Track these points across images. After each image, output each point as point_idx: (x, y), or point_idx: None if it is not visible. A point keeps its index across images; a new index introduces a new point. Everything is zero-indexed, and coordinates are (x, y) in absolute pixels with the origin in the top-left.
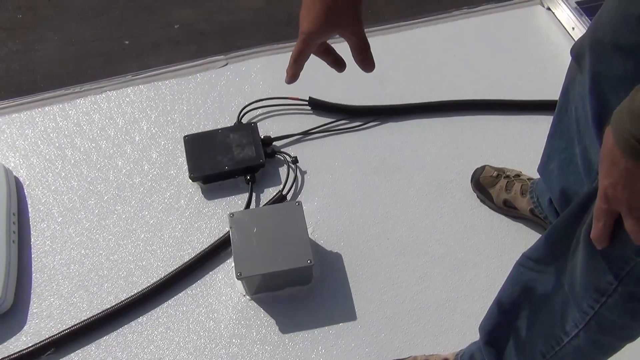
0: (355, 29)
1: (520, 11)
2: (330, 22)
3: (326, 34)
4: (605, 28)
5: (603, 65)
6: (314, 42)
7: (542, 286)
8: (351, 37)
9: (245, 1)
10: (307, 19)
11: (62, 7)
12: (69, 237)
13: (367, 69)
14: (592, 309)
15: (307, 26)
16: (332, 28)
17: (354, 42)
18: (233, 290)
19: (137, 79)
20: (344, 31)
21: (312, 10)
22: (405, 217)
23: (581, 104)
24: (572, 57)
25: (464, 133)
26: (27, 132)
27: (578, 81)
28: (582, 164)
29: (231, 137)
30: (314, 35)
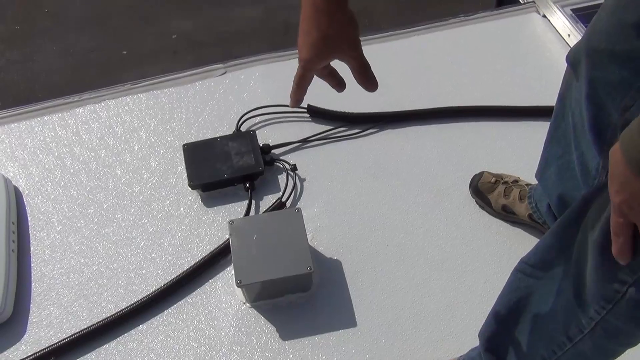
0: (353, 52)
1: (516, 19)
2: (328, 49)
3: (325, 60)
4: (601, 35)
5: (599, 72)
6: (314, 69)
7: (541, 292)
8: (350, 60)
9: (243, 11)
10: (305, 47)
11: (60, 17)
12: (69, 246)
13: (370, 88)
14: (598, 314)
15: (305, 54)
16: (330, 54)
17: (354, 64)
18: (233, 298)
19: (136, 88)
20: (342, 56)
21: (310, 38)
22: (404, 223)
23: (577, 110)
24: (567, 63)
25: (462, 139)
26: (26, 142)
27: (574, 87)
28: (579, 169)
29: (230, 145)
30: (314, 62)
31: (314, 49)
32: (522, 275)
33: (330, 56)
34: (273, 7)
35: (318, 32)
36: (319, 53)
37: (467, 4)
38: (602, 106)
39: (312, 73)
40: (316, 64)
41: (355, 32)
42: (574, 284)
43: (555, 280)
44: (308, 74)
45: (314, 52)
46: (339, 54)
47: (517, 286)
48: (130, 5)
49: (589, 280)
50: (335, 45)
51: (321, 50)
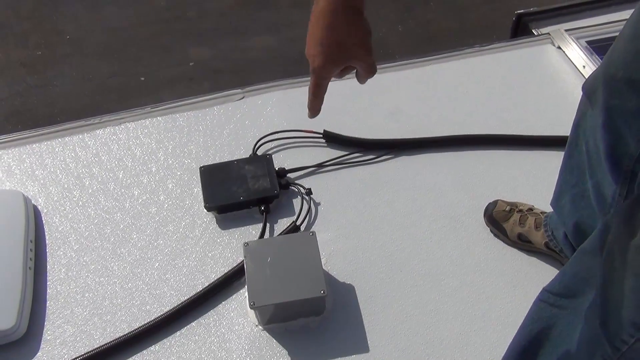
0: (368, 59)
1: (531, 49)
2: (345, 56)
3: (340, 67)
4: (618, 64)
5: (617, 100)
6: (330, 77)
7: (565, 322)
8: (361, 64)
9: (259, 40)
10: (318, 57)
11: (81, 44)
12: (85, 265)
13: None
14: (625, 344)
15: (319, 63)
16: (344, 61)
17: (365, 68)
18: (246, 320)
19: (155, 111)
20: (357, 62)
21: (322, 46)
22: (418, 249)
23: (592, 139)
24: (583, 92)
25: (476, 167)
26: (46, 162)
27: (589, 116)
28: (595, 197)
29: (246, 168)
30: (329, 71)
31: (330, 56)
32: (545, 305)
33: (344, 63)
34: (288, 37)
35: (335, 39)
36: (335, 60)
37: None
38: (620, 134)
39: (328, 81)
40: (331, 72)
41: (369, 38)
42: (600, 312)
43: (580, 310)
44: (324, 82)
45: (329, 59)
46: (353, 60)
47: (539, 316)
48: (149, 34)
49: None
50: (352, 52)
51: (337, 58)
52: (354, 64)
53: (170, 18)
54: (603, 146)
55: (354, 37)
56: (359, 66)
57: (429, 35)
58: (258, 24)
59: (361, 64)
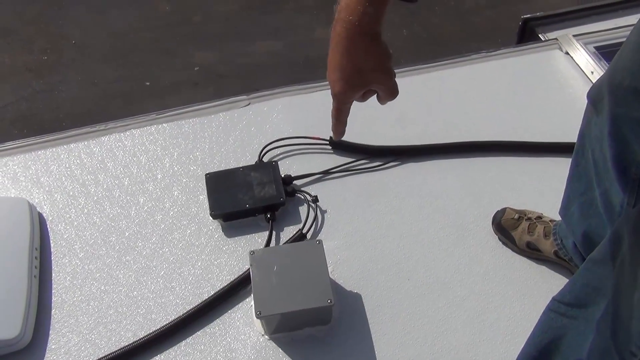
0: (389, 82)
1: (538, 55)
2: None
3: (360, 92)
4: (624, 72)
5: (623, 108)
6: (350, 102)
7: (575, 332)
8: (381, 87)
9: (264, 45)
10: (340, 82)
11: (86, 49)
12: (90, 273)
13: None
14: (634, 356)
15: (340, 88)
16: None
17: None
18: (252, 330)
19: (160, 118)
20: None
21: (343, 72)
22: (426, 258)
23: (598, 147)
24: (588, 100)
25: (484, 174)
26: (52, 169)
27: (594, 124)
28: (603, 206)
29: (252, 175)
30: (349, 96)
31: (349, 83)
32: (556, 315)
33: (366, 87)
34: (293, 41)
35: (354, 66)
36: (354, 86)
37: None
38: (627, 143)
39: (349, 105)
40: (351, 97)
41: (390, 62)
42: (611, 323)
43: (591, 320)
44: (345, 107)
45: (349, 86)
46: (373, 84)
47: (549, 326)
48: (154, 39)
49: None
50: (372, 77)
51: (356, 84)
52: (375, 88)
53: (175, 22)
54: (610, 154)
55: (371, 62)
56: (380, 90)
57: (433, 39)
58: (263, 29)
59: (381, 87)
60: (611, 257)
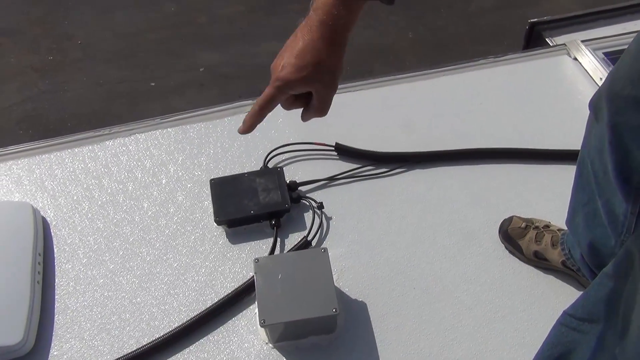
0: (328, 92)
1: (546, 61)
2: (316, 77)
3: (306, 87)
4: (625, 81)
5: (623, 117)
6: (290, 92)
7: (586, 347)
8: (320, 96)
9: (269, 46)
10: (290, 68)
11: (92, 49)
12: (93, 279)
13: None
14: None
15: (288, 74)
16: (314, 83)
17: (319, 100)
18: (256, 338)
19: (165, 122)
20: (320, 88)
21: (301, 60)
22: (432, 266)
23: (597, 158)
24: (590, 109)
25: (491, 181)
26: (56, 173)
27: (593, 134)
28: (606, 217)
29: (257, 181)
30: (294, 86)
31: (303, 72)
32: (567, 329)
33: (313, 84)
34: None
35: (314, 57)
36: (305, 77)
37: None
38: (628, 152)
39: (285, 97)
40: (295, 87)
41: (339, 75)
42: (620, 339)
43: (602, 335)
44: (281, 96)
45: (300, 74)
46: (320, 85)
47: (559, 341)
48: (159, 39)
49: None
50: (324, 76)
51: (308, 76)
52: (315, 92)
53: (180, 24)
54: (611, 164)
55: (332, 63)
56: (317, 98)
57: (439, 41)
58: (267, 30)
59: (321, 96)
60: (624, 274)
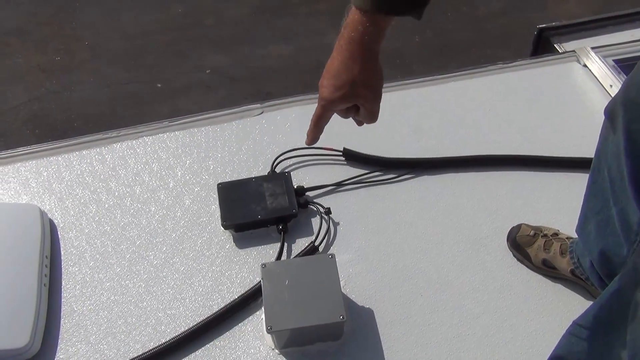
0: (373, 102)
1: (555, 67)
2: (354, 94)
3: (347, 103)
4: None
5: (638, 124)
6: (335, 110)
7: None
8: (366, 107)
9: (276, 49)
10: (330, 88)
11: (99, 50)
12: (100, 282)
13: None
14: None
15: (330, 95)
16: (354, 99)
17: (368, 111)
18: (262, 343)
19: (173, 125)
20: (364, 102)
21: (338, 80)
22: (439, 273)
23: (615, 164)
24: (605, 116)
25: (499, 188)
26: (63, 175)
27: (611, 141)
28: (619, 225)
29: (264, 186)
30: (336, 104)
31: (340, 91)
32: (577, 339)
33: (353, 100)
34: (305, 46)
35: (348, 76)
36: (344, 96)
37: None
38: None
39: (331, 114)
40: (337, 105)
41: (380, 83)
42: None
43: (611, 346)
44: (328, 114)
45: (339, 94)
46: (361, 99)
47: (569, 350)
48: (166, 41)
49: None
50: (362, 92)
51: (346, 94)
52: (360, 104)
53: (187, 25)
54: (627, 172)
55: (365, 78)
56: (363, 109)
57: (446, 45)
58: (274, 33)
59: (366, 107)
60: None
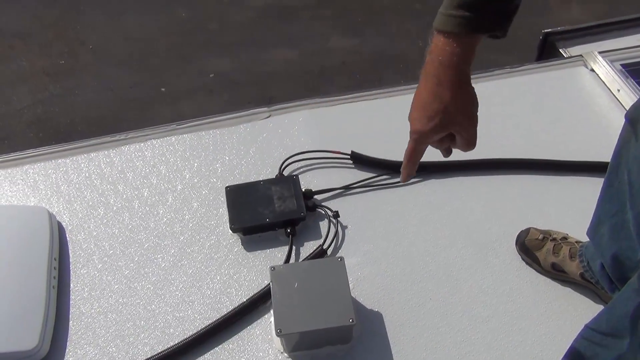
0: (470, 129)
1: (563, 72)
2: (446, 123)
3: (441, 134)
4: None
5: None
6: (428, 142)
7: None
8: (463, 133)
9: (280, 53)
10: (421, 119)
11: (103, 54)
12: (108, 285)
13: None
14: None
15: (421, 127)
16: (447, 128)
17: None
18: (270, 347)
19: (181, 128)
20: (459, 130)
21: (428, 111)
22: (448, 276)
23: (636, 168)
24: (626, 120)
25: (507, 192)
26: (72, 177)
27: (632, 145)
28: (635, 229)
29: (273, 189)
30: (429, 136)
31: (433, 121)
32: (589, 344)
33: (447, 130)
34: (308, 50)
35: (439, 104)
36: (437, 126)
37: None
38: None
39: (425, 146)
40: (431, 137)
41: (475, 106)
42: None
43: (626, 351)
44: (421, 147)
45: (431, 124)
46: (456, 126)
47: (581, 355)
48: (170, 45)
49: None
50: (456, 119)
51: (440, 123)
52: (455, 132)
53: (191, 29)
54: None
55: (458, 103)
56: (459, 137)
57: None
58: (278, 37)
59: (462, 135)
60: None
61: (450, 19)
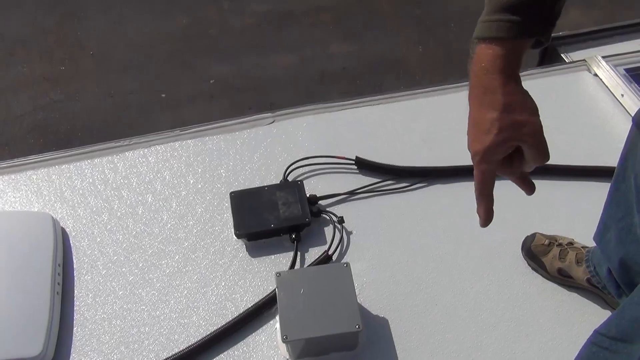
0: (537, 134)
1: (566, 77)
2: (505, 130)
3: (504, 146)
4: None
5: None
6: (494, 161)
7: None
8: (529, 143)
9: (280, 59)
10: (477, 137)
11: (103, 60)
12: (112, 291)
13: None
14: None
15: (479, 146)
16: (507, 138)
17: (534, 151)
18: (276, 353)
19: (184, 134)
20: (525, 140)
21: (481, 124)
22: (454, 282)
23: None
24: (633, 124)
25: (513, 197)
26: (75, 183)
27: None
28: None
29: (277, 194)
30: (490, 153)
31: (490, 134)
32: (598, 349)
33: (508, 140)
34: (309, 56)
35: (492, 114)
36: (496, 137)
37: None
38: None
39: (494, 172)
40: (493, 154)
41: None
42: None
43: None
44: (488, 171)
45: (490, 138)
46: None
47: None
48: (171, 51)
49: None
50: (513, 125)
51: (498, 133)
52: (522, 144)
53: (192, 35)
54: None
55: (516, 107)
56: (527, 146)
57: (449, 55)
58: (279, 43)
59: (529, 144)
60: None
61: (492, 25)
